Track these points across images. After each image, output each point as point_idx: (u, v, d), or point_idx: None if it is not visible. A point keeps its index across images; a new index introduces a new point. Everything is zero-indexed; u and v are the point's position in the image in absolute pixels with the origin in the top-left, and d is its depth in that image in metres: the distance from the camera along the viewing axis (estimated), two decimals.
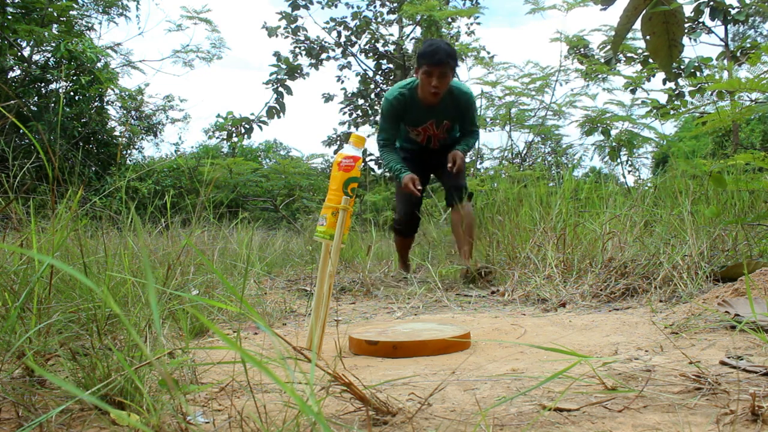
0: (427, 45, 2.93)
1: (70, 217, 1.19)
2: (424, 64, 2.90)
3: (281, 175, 7.45)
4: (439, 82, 2.91)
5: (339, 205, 1.33)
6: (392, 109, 3.12)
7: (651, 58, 1.95)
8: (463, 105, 3.12)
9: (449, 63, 2.90)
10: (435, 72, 2.89)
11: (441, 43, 2.92)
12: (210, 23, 9.44)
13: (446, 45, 2.93)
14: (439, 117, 3.16)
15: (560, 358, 1.16)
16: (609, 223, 2.59)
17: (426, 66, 2.89)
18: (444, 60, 2.87)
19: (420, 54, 2.94)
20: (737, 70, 5.14)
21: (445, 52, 2.88)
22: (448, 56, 2.88)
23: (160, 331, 1.04)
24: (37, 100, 8.83)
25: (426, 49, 2.91)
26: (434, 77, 2.90)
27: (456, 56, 2.96)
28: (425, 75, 2.92)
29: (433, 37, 6.53)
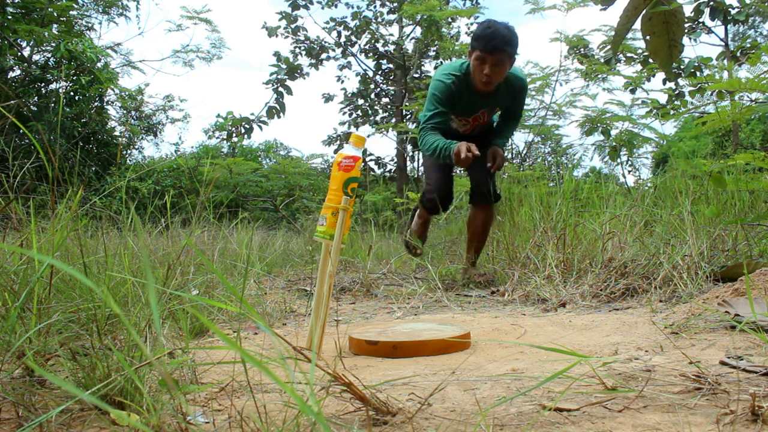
0: (483, 26, 2.56)
1: (70, 217, 1.19)
2: (477, 49, 2.54)
3: (281, 175, 7.46)
4: (493, 72, 2.55)
5: (339, 205, 1.33)
6: (449, 91, 2.70)
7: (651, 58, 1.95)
8: (518, 93, 2.82)
9: (506, 50, 2.53)
10: (489, 60, 2.53)
11: (500, 27, 2.53)
12: (210, 23, 9.44)
13: (506, 29, 2.54)
14: (492, 106, 2.85)
15: (560, 358, 1.16)
16: (609, 223, 2.59)
17: (479, 51, 2.53)
18: (500, 47, 2.50)
19: (474, 36, 2.58)
20: (737, 70, 5.14)
21: (503, 38, 2.50)
22: (505, 43, 2.51)
23: (160, 331, 1.04)
24: (37, 100, 8.83)
25: (481, 31, 2.54)
26: (487, 65, 2.54)
27: (516, 43, 2.57)
28: (478, 61, 2.56)
29: (433, 37, 6.53)
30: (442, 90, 2.71)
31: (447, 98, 2.71)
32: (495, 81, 2.60)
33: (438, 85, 2.73)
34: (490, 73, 2.55)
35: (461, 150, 2.45)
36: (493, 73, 2.56)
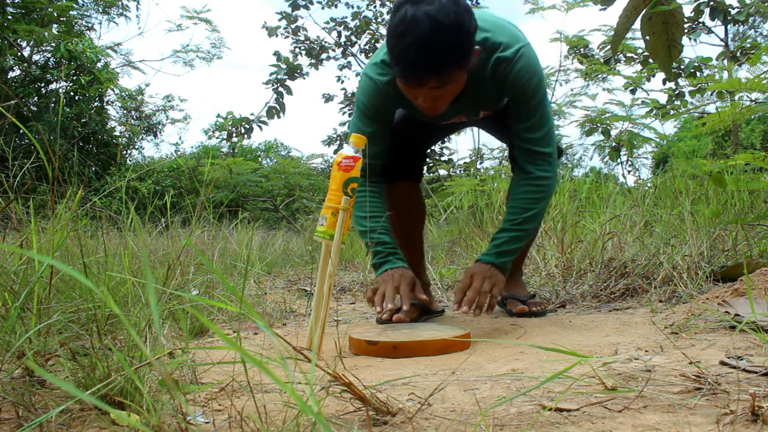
0: (394, 29, 1.36)
1: (70, 217, 1.19)
2: (398, 77, 1.44)
3: (281, 175, 7.46)
4: (436, 102, 1.46)
5: (339, 205, 1.33)
6: (381, 97, 1.61)
7: (651, 58, 1.95)
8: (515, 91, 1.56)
9: (444, 72, 1.38)
10: (421, 92, 1.43)
11: (422, 31, 1.31)
12: (210, 23, 9.45)
13: (433, 29, 1.31)
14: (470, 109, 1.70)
15: (560, 358, 1.16)
16: (609, 223, 2.59)
17: (400, 80, 1.44)
18: (431, 72, 1.37)
19: (388, 48, 1.40)
20: (737, 70, 5.14)
21: (429, 55, 1.34)
22: (439, 62, 1.36)
23: (160, 331, 1.04)
24: (37, 100, 8.83)
25: (394, 43, 1.36)
26: (420, 96, 1.44)
27: (462, 38, 1.36)
28: (404, 87, 1.45)
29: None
30: (371, 94, 1.62)
31: (381, 108, 1.62)
32: (443, 104, 1.49)
33: (364, 84, 1.64)
34: (430, 106, 1.46)
35: (377, 294, 1.56)
36: (435, 100, 1.46)
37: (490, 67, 1.55)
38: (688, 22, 5.53)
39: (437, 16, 1.32)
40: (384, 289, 1.55)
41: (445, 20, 1.32)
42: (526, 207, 1.57)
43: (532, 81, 1.55)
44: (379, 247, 1.61)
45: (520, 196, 1.59)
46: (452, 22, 1.33)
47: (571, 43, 5.66)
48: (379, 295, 1.54)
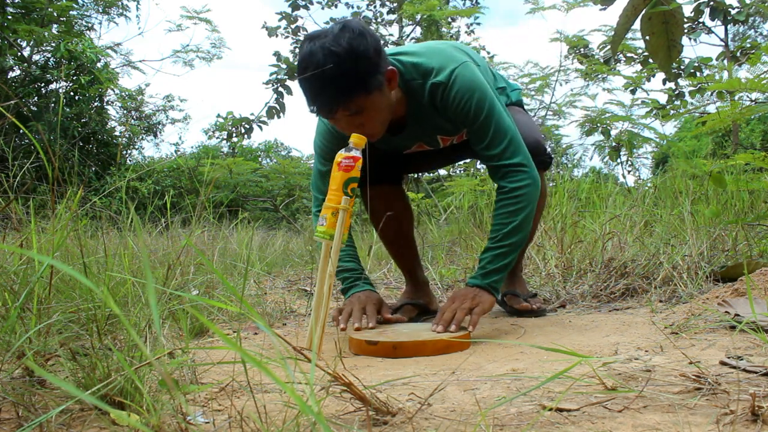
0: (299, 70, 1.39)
1: (70, 217, 1.19)
2: (310, 108, 1.45)
3: (281, 175, 7.46)
4: (360, 130, 1.41)
5: (339, 205, 1.33)
6: (330, 135, 1.64)
7: (650, 58, 1.95)
8: (459, 114, 1.53)
9: (348, 98, 1.38)
10: (339, 120, 1.45)
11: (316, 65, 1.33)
12: (210, 23, 9.44)
13: (326, 62, 1.33)
14: (423, 135, 1.68)
15: (560, 358, 1.16)
16: (609, 223, 2.59)
17: (314, 111, 1.45)
18: (331, 101, 1.39)
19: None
20: (737, 70, 5.14)
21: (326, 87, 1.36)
22: (334, 92, 1.37)
23: (160, 331, 1.04)
24: (37, 100, 8.83)
25: (300, 84, 1.41)
26: (344, 126, 1.46)
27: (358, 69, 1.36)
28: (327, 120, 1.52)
29: (433, 37, 6.52)
30: (321, 134, 1.66)
31: (332, 146, 1.60)
32: (378, 127, 1.48)
33: (317, 125, 1.69)
34: (355, 131, 1.39)
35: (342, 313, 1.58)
36: (362, 126, 1.43)
37: (427, 93, 1.54)
38: (688, 22, 5.53)
39: (330, 47, 1.34)
40: (350, 309, 1.59)
41: (337, 49, 1.34)
42: (504, 222, 1.55)
43: (472, 100, 1.51)
44: (346, 273, 1.68)
45: (498, 212, 1.57)
46: (345, 50, 1.35)
47: (571, 43, 5.66)
48: (344, 314, 1.58)
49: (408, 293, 1.95)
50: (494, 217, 1.58)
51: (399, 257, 2.00)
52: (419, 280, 1.96)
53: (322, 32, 1.39)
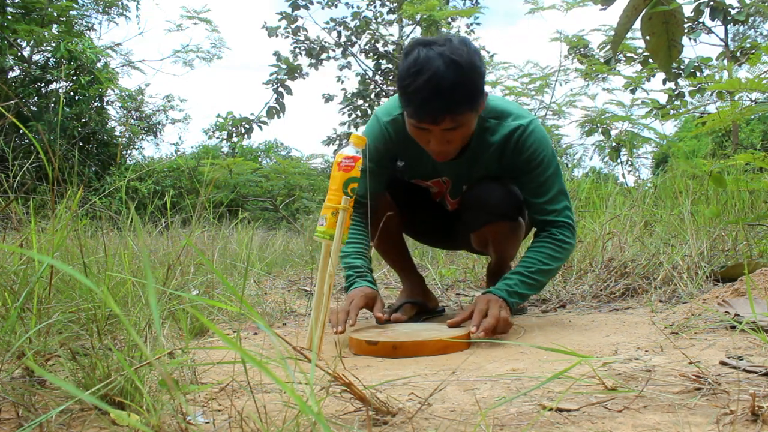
0: (408, 69, 1.39)
1: (69, 217, 1.19)
2: (409, 117, 1.45)
3: (281, 175, 7.45)
4: (446, 144, 1.47)
5: (339, 205, 1.33)
6: (384, 140, 1.64)
7: (651, 58, 1.95)
8: (516, 151, 1.58)
9: (458, 110, 1.39)
10: (434, 131, 1.44)
11: (436, 69, 1.35)
12: (210, 23, 9.45)
13: (449, 67, 1.35)
14: (460, 175, 1.70)
15: (560, 358, 1.16)
16: (609, 223, 2.59)
17: (413, 121, 1.44)
18: (445, 111, 1.38)
19: (399, 85, 1.43)
20: (737, 70, 5.14)
21: (445, 94, 1.35)
22: (454, 101, 1.37)
23: (160, 331, 1.04)
24: (37, 100, 8.84)
25: (407, 82, 1.38)
26: (433, 138, 1.46)
27: (475, 81, 1.40)
28: (415, 130, 1.47)
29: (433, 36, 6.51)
30: (375, 136, 1.64)
31: (380, 150, 1.64)
32: (454, 150, 1.51)
33: (371, 125, 1.67)
34: (439, 148, 1.47)
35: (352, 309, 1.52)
36: (448, 143, 1.47)
37: (504, 134, 1.58)
38: (688, 22, 5.53)
39: (451, 55, 1.36)
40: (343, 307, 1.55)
41: (459, 59, 1.36)
42: (543, 260, 1.58)
43: (545, 154, 1.59)
44: (349, 271, 1.66)
45: (540, 249, 1.60)
46: (465, 61, 1.37)
47: (571, 43, 5.66)
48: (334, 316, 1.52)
49: (406, 292, 1.95)
50: (534, 250, 1.61)
51: (389, 257, 2.00)
52: (414, 277, 1.96)
53: (435, 40, 1.40)
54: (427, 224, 1.98)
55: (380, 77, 10.27)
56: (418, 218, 1.93)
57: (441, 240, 2.10)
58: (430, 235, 2.07)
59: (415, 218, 1.92)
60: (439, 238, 2.08)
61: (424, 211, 1.92)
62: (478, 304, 1.50)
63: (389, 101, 1.67)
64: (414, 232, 2.04)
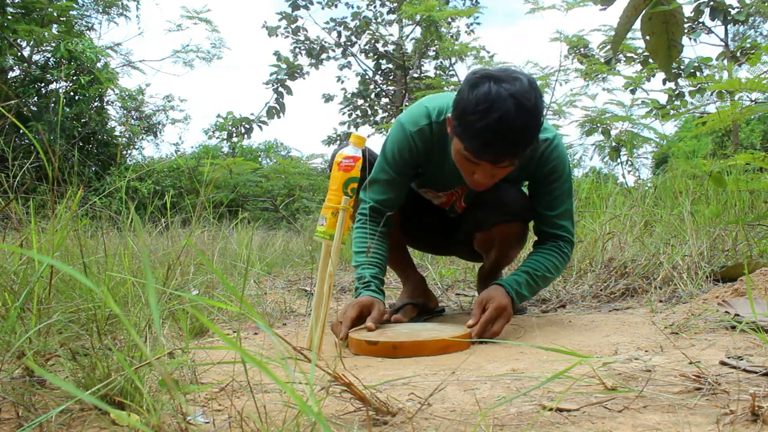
0: (476, 106, 1.35)
1: (69, 217, 1.19)
2: (467, 150, 1.41)
3: (281, 175, 7.45)
4: (490, 180, 1.49)
5: (339, 205, 1.33)
6: (410, 149, 1.63)
7: (651, 58, 1.95)
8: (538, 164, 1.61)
9: (519, 153, 1.40)
10: (486, 168, 1.44)
11: (509, 112, 1.33)
12: (210, 23, 9.45)
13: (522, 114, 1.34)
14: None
15: (560, 358, 1.16)
16: (609, 223, 2.59)
17: (469, 154, 1.41)
18: (509, 154, 1.39)
19: (460, 115, 1.40)
20: (737, 70, 5.14)
21: (514, 139, 1.36)
22: (520, 145, 1.38)
23: (160, 331, 1.04)
24: (37, 100, 8.84)
25: (474, 118, 1.35)
26: (480, 172, 1.45)
27: (538, 127, 1.42)
28: (466, 161, 1.45)
29: (433, 37, 6.51)
30: (401, 144, 1.63)
31: (405, 159, 1.64)
32: (488, 186, 1.53)
33: (396, 134, 1.65)
34: (485, 181, 1.48)
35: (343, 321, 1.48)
36: (492, 177, 1.48)
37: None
38: (688, 22, 5.53)
39: (521, 99, 1.34)
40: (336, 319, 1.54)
41: (527, 103, 1.35)
42: (548, 267, 1.63)
43: (565, 170, 1.63)
44: (357, 282, 1.63)
45: (548, 256, 1.64)
46: (533, 105, 1.36)
47: (571, 43, 5.66)
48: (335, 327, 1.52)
49: (407, 293, 1.95)
50: (542, 255, 1.65)
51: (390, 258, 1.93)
52: (415, 278, 1.96)
53: (504, 76, 1.37)
54: (422, 229, 1.98)
55: (380, 77, 10.27)
56: (413, 222, 1.93)
57: (435, 245, 2.11)
58: (424, 239, 2.06)
59: (410, 222, 1.91)
60: (433, 242, 2.07)
61: (419, 215, 1.92)
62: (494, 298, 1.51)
63: (413, 109, 1.65)
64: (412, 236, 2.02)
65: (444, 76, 9.15)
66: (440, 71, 9.95)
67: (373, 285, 1.61)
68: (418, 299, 1.90)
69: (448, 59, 7.09)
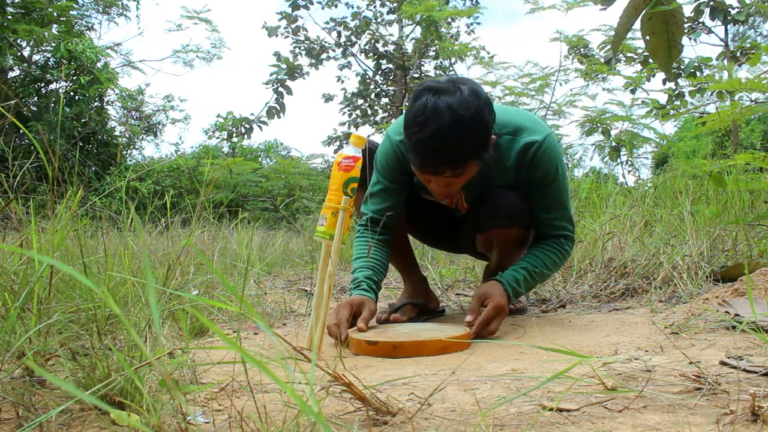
0: (415, 125, 1.37)
1: (69, 217, 1.19)
2: (412, 163, 1.46)
3: (281, 175, 7.45)
4: (446, 189, 1.50)
5: (339, 205, 1.33)
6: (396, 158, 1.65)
7: (651, 58, 1.95)
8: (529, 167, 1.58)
9: (459, 165, 1.40)
10: (436, 180, 1.47)
11: (439, 125, 1.33)
12: (210, 23, 9.45)
13: (452, 125, 1.33)
14: (472, 188, 1.68)
15: (560, 358, 1.16)
16: (609, 223, 2.59)
17: (415, 167, 1.46)
18: (445, 165, 1.40)
19: (405, 134, 1.43)
20: (737, 70, 5.14)
21: (448, 147, 1.36)
22: (456, 155, 1.38)
23: (160, 331, 1.04)
24: (37, 100, 8.84)
25: (413, 137, 1.38)
26: (434, 181, 1.48)
27: (480, 136, 1.40)
28: (420, 175, 1.49)
29: (433, 37, 6.51)
30: (388, 154, 1.66)
31: (393, 168, 1.65)
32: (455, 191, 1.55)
33: (383, 144, 1.69)
34: (440, 190, 1.49)
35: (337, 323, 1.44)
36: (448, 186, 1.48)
37: (518, 150, 1.57)
38: (688, 22, 5.54)
39: (458, 110, 1.33)
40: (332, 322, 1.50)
41: (465, 114, 1.33)
42: (548, 264, 1.65)
43: (561, 169, 1.61)
44: (351, 284, 1.64)
45: (548, 252, 1.66)
46: (472, 116, 1.34)
47: (571, 43, 5.66)
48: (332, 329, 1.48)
49: (407, 293, 1.95)
50: (542, 251, 1.66)
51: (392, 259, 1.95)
52: (416, 278, 1.96)
53: (445, 87, 1.36)
54: (433, 227, 1.98)
55: (380, 77, 10.28)
56: (424, 221, 1.94)
57: (445, 242, 2.10)
58: (435, 237, 2.07)
59: (422, 220, 1.92)
60: (443, 240, 2.08)
61: (430, 213, 1.92)
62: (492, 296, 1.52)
63: (399, 120, 1.65)
64: (420, 233, 2.04)
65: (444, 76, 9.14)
66: (440, 71, 9.95)
67: (364, 284, 1.60)
68: (417, 299, 1.90)
69: (448, 59, 7.10)
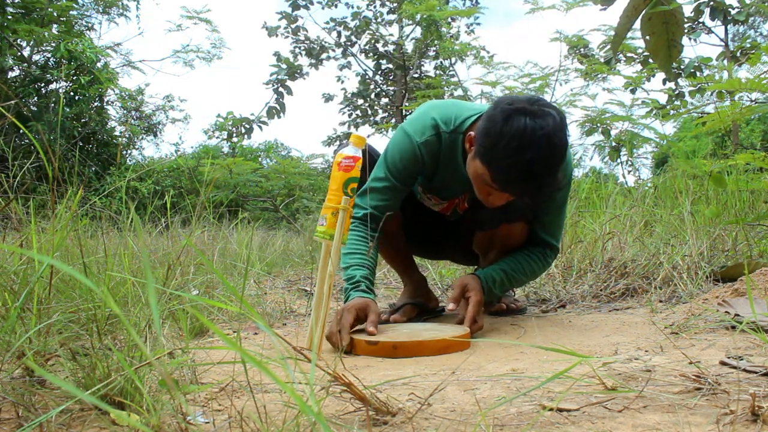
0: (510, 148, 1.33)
1: (69, 217, 1.19)
2: (492, 180, 1.40)
3: (281, 175, 7.46)
4: (502, 203, 1.50)
5: (339, 205, 1.33)
6: (414, 159, 1.61)
7: (651, 58, 1.96)
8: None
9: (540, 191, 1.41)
10: (504, 195, 1.45)
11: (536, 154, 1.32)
12: (210, 23, 9.45)
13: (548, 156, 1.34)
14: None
15: (560, 358, 1.16)
16: (609, 223, 2.59)
17: (495, 185, 1.41)
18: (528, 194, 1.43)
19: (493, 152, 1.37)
20: (737, 71, 5.14)
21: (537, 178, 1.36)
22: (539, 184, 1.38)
23: (160, 331, 1.04)
24: (37, 100, 8.84)
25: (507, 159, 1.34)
26: (496, 196, 1.47)
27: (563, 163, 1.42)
28: (483, 183, 1.45)
29: (433, 37, 6.51)
30: (406, 154, 1.61)
31: (408, 169, 1.62)
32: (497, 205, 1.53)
33: (401, 142, 1.62)
34: (498, 203, 1.50)
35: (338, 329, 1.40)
36: (504, 202, 1.50)
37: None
38: (688, 22, 5.54)
39: (553, 138, 1.33)
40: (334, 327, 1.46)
41: (559, 143, 1.35)
42: (526, 270, 1.68)
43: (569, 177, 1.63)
44: (347, 284, 1.59)
45: (529, 259, 1.69)
46: (563, 145, 1.37)
47: (571, 43, 5.66)
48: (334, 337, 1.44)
49: (407, 293, 1.94)
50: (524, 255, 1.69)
51: (390, 259, 2.00)
52: (416, 278, 1.96)
53: (538, 110, 1.35)
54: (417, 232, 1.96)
55: (380, 77, 10.28)
56: (414, 225, 1.92)
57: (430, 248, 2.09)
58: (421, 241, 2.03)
59: (411, 223, 1.90)
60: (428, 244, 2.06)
61: (416, 218, 1.91)
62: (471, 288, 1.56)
63: (419, 118, 1.62)
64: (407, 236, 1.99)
65: (444, 76, 9.16)
66: (440, 71, 9.95)
67: (363, 285, 1.57)
68: (417, 299, 1.90)
69: (448, 59, 7.10)
